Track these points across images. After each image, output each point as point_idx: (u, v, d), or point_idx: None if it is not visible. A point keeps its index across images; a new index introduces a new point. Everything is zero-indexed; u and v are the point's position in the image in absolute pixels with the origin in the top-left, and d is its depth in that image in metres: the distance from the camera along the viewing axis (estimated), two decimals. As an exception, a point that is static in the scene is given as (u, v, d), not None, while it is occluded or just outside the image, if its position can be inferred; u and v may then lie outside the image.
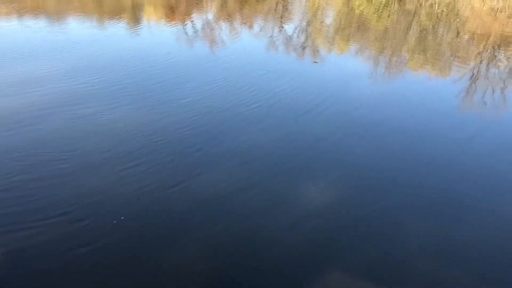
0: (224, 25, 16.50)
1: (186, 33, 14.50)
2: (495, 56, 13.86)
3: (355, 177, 6.19)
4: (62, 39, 12.55)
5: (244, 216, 5.22)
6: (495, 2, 23.39)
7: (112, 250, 4.58)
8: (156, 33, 14.43)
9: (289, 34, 15.25)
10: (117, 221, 4.98)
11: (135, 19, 16.61)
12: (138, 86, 8.99)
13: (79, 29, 14.26)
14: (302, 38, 14.84)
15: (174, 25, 15.65)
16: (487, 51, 14.34)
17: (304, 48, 13.58)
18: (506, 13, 21.04)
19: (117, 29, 14.37)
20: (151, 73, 9.80)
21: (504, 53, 14.27)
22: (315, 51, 13.41)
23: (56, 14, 16.54)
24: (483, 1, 23.72)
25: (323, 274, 4.43)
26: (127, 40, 12.99)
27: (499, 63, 13.08)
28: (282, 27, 16.38)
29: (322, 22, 18.36)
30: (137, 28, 14.82)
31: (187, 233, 4.90)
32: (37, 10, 16.99)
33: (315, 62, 11.58)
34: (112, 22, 15.44)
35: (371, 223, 5.23)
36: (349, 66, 11.90)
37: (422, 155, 6.91)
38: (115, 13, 17.58)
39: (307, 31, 16.18)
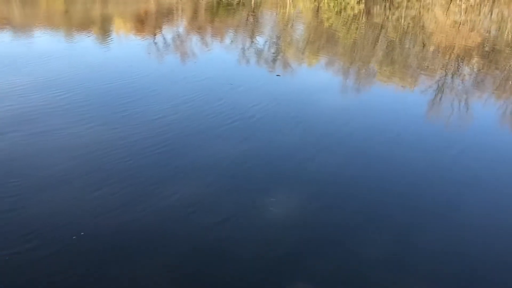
0: (193, 38, 16.48)
1: (155, 46, 14.40)
2: (459, 67, 14.28)
3: (319, 189, 6.21)
4: (27, 52, 12.26)
5: (206, 228, 5.18)
6: (458, 16, 24.19)
7: (72, 265, 4.49)
8: (124, 47, 14.28)
9: (258, 47, 15.33)
10: (76, 237, 4.86)
11: (104, 32, 16.42)
12: (102, 102, 8.83)
13: (45, 42, 13.99)
14: (271, 51, 14.95)
15: (143, 38, 15.53)
16: (451, 63, 14.76)
17: (273, 61, 13.67)
18: (468, 26, 21.77)
19: (85, 42, 14.17)
20: (116, 89, 9.65)
21: (467, 64, 14.71)
22: (284, 64, 13.51)
23: (22, 27, 16.20)
24: (446, 15, 24.50)
25: (284, 284, 4.41)
26: (94, 54, 12.80)
27: (463, 74, 13.47)
28: (252, 40, 16.47)
29: (292, 35, 18.57)
30: (105, 41, 14.64)
31: (149, 246, 4.82)
32: (1, 22, 16.59)
33: (277, 75, 11.61)
34: (80, 35, 15.22)
35: (332, 234, 5.25)
36: (317, 79, 12.02)
37: (387, 166, 7.00)
38: (83, 26, 17.35)
39: (276, 44, 16.31)
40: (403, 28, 20.99)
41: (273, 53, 14.61)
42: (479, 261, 4.95)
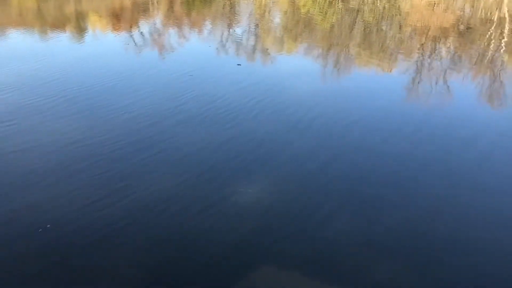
0: (168, 31, 16.35)
1: (129, 41, 14.25)
2: (435, 48, 14.47)
3: (291, 176, 6.25)
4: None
5: (176, 218, 5.22)
6: (433, -4, 24.42)
7: (40, 256, 4.54)
8: (98, 43, 14.10)
9: (235, 36, 15.30)
10: (42, 230, 4.91)
11: (79, 29, 16.18)
12: (74, 98, 8.74)
13: (18, 41, 13.73)
14: (249, 40, 14.93)
15: (118, 33, 15.35)
16: (427, 43, 14.95)
17: (251, 49, 13.66)
18: (442, 7, 22.03)
19: (59, 40, 13.94)
20: (85, 85, 9.53)
21: (443, 44, 14.92)
22: (263, 52, 13.52)
23: (-6, 27, 15.85)
24: (421, -4, 24.72)
25: (256, 271, 4.49)
26: (69, 52, 12.61)
27: (439, 54, 13.66)
28: (228, 30, 16.41)
29: (269, 22, 18.55)
30: (80, 38, 14.44)
31: (119, 238, 4.86)
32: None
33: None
34: (55, 33, 14.97)
35: (302, 219, 5.32)
36: (295, 65, 12.05)
37: (361, 149, 7.09)
38: (58, 23, 17.07)
39: (253, 33, 16.29)
40: (379, 10, 21.14)
41: (250, 42, 14.59)
42: (441, 239, 5.05)
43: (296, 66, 11.89)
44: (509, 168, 6.63)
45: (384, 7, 21.70)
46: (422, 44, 14.83)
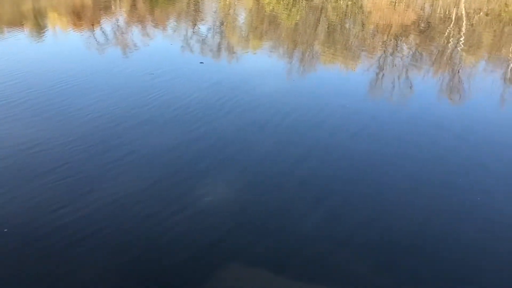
0: (131, 29, 16.05)
1: (90, 40, 13.90)
2: (397, 45, 14.80)
3: (260, 175, 6.24)
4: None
5: (143, 219, 5.15)
6: (394, -5, 24.96)
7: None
8: (59, 42, 13.69)
9: (198, 35, 15.17)
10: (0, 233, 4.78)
11: (38, 27, 15.65)
12: (36, 100, 8.46)
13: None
14: (213, 38, 14.84)
15: (80, 31, 14.95)
16: (389, 41, 15.26)
17: (216, 47, 13.58)
18: (403, 5, 22.55)
19: (17, 39, 13.44)
20: (46, 85, 9.25)
21: (405, 41, 15.27)
22: (228, 50, 13.46)
23: None
24: (383, -6, 25.21)
25: (228, 272, 4.47)
26: (27, 51, 12.19)
27: (401, 52, 13.98)
28: (193, 28, 16.26)
29: (233, 20, 18.50)
30: (39, 37, 13.98)
31: (86, 244, 4.73)
32: None
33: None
34: (11, 32, 14.42)
35: (268, 217, 5.34)
36: (259, 64, 12.07)
37: (326, 147, 7.18)
38: (15, 21, 16.45)
39: (217, 31, 16.20)
40: (342, 9, 21.44)
41: (214, 40, 14.50)
42: (411, 234, 5.17)
43: (261, 64, 11.90)
44: (473, 161, 6.85)
45: (347, 5, 22.02)
46: (385, 41, 15.13)
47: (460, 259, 4.77)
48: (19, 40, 13.22)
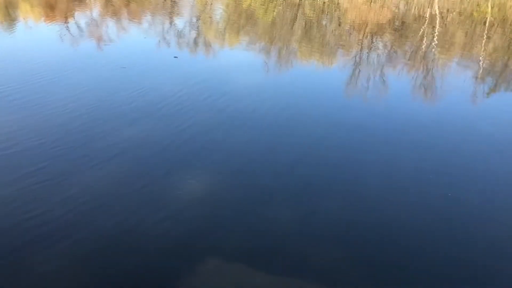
0: (105, 22, 15.78)
1: (63, 32, 13.61)
2: (372, 42, 14.97)
3: (232, 166, 6.28)
4: None
5: (120, 213, 5.13)
6: (370, -7, 25.23)
7: None
8: (32, 35, 13.36)
9: (176, 28, 15.04)
10: None
11: (9, 19, 15.23)
12: (5, 92, 8.26)
13: None
14: (189, 33, 14.73)
15: (54, 24, 14.61)
16: (365, 39, 15.43)
17: (192, 42, 13.48)
18: (379, 4, 22.81)
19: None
20: (20, 81, 9.02)
21: (380, 39, 15.46)
22: (204, 45, 13.38)
23: None
24: (359, -8, 25.47)
25: (199, 265, 4.48)
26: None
27: (376, 49, 14.15)
28: (169, 23, 16.10)
29: (210, 16, 18.39)
30: (10, 29, 13.61)
31: (54, 236, 4.69)
32: None
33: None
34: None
35: (245, 208, 5.39)
36: (236, 59, 12.04)
37: (302, 140, 7.23)
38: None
39: (194, 26, 16.09)
40: (319, 6, 21.55)
41: (190, 35, 14.39)
42: (383, 226, 5.29)
43: (238, 60, 11.87)
44: (445, 155, 6.99)
45: (323, 3, 22.15)
46: (360, 39, 15.29)
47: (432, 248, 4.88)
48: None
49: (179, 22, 16.19)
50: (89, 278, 4.23)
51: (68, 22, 14.83)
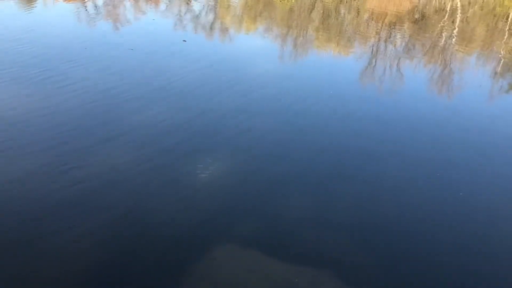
0: (123, 4, 15.73)
1: (82, 12, 13.61)
2: (391, 33, 14.73)
3: (249, 153, 6.26)
4: None
5: (136, 193, 5.13)
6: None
7: None
8: (49, 12, 13.39)
9: (193, 12, 14.95)
10: None
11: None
12: (25, 68, 8.29)
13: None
14: (206, 17, 14.63)
15: (69, 3, 14.61)
16: (384, 29, 15.19)
17: (210, 27, 13.40)
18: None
19: (4, 6, 13.10)
20: (36, 55, 9.05)
21: (398, 31, 15.21)
22: (222, 30, 13.30)
23: None
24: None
25: (215, 245, 4.50)
26: (16, 19, 11.90)
27: (394, 40, 13.92)
28: (186, 6, 16.00)
29: (228, 1, 18.23)
30: (28, 6, 13.64)
31: (76, 216, 4.70)
32: None
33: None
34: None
35: (260, 195, 5.37)
36: (254, 45, 11.95)
37: (318, 130, 7.17)
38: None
39: (211, 10, 15.97)
40: (338, -5, 21.24)
41: (207, 19, 14.30)
42: (392, 214, 5.27)
43: (254, 46, 11.77)
44: (456, 148, 6.89)
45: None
46: (379, 30, 15.05)
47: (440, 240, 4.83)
48: (7, 8, 12.90)
49: (196, 6, 16.08)
50: (100, 257, 4.24)
51: (86, 2, 14.81)
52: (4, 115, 6.51)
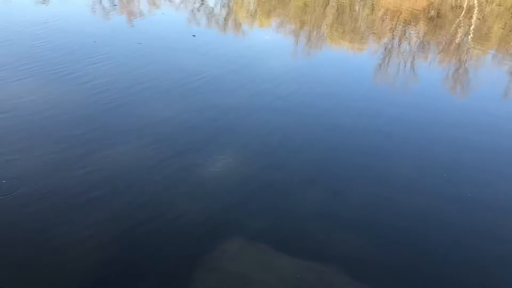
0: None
1: (97, 5, 13.69)
2: (406, 31, 14.59)
3: (260, 149, 6.29)
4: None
5: (149, 185, 5.23)
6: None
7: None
8: (66, 4, 13.49)
9: (206, 7, 14.96)
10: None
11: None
12: (42, 62, 8.40)
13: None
14: (220, 12, 14.63)
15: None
16: (398, 26, 15.05)
17: (223, 21, 13.41)
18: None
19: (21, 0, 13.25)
20: (52, 48, 9.17)
21: (413, 28, 15.05)
22: (235, 25, 13.30)
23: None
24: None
25: (226, 238, 4.56)
26: (31, 11, 12.02)
27: (409, 38, 13.79)
28: (203, 1, 16.02)
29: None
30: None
31: (93, 206, 4.81)
32: None
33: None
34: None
35: (272, 190, 5.41)
36: (267, 40, 11.92)
37: (332, 125, 7.17)
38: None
39: (225, 4, 15.97)
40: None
41: (221, 14, 14.30)
42: (403, 212, 5.27)
43: (268, 41, 11.76)
44: (472, 148, 6.84)
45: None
46: (393, 27, 14.92)
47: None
48: (24, 1, 13.04)
49: (211, 1, 16.09)
50: (113, 250, 4.32)
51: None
52: (24, 112, 6.63)
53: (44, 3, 13.17)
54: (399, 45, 12.83)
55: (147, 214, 4.78)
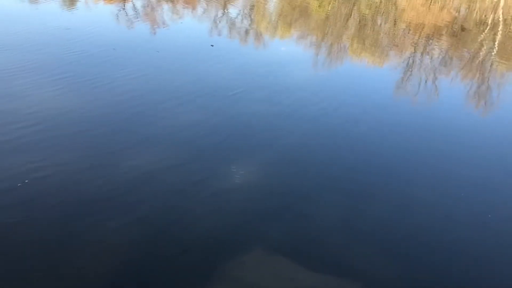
0: (163, 7, 16.02)
1: (121, 13, 13.94)
2: (428, 45, 14.45)
3: (279, 159, 6.27)
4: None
5: (170, 193, 5.25)
6: (430, -6, 24.36)
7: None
8: (90, 12, 13.77)
9: (228, 18, 15.09)
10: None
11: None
12: (65, 68, 8.57)
13: (6, 3, 13.35)
14: (243, 23, 14.73)
15: (109, 4, 14.99)
16: (421, 41, 14.92)
17: (245, 32, 13.49)
18: (439, 4, 21.99)
19: (48, 6, 13.56)
20: (77, 55, 9.35)
21: (436, 43, 14.91)
22: (257, 36, 13.36)
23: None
24: (419, -8, 24.63)
25: (244, 249, 4.53)
26: (58, 19, 12.29)
27: (431, 53, 13.65)
28: (223, 11, 16.16)
29: (264, 6, 18.31)
30: (70, 6, 14.07)
31: (111, 211, 4.83)
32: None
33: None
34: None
35: (291, 201, 5.36)
36: (289, 52, 11.95)
37: (350, 139, 7.11)
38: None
39: (247, 15, 16.08)
40: (376, 4, 21.02)
41: (243, 24, 14.40)
42: (422, 227, 5.18)
43: (288, 53, 11.78)
44: (493, 167, 6.69)
45: (380, 1, 21.57)
46: (415, 41, 14.80)
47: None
48: (51, 7, 13.34)
49: (232, 11, 16.23)
50: (129, 257, 4.33)
51: (125, 3, 15.16)
52: (55, 120, 6.76)
53: (69, 9, 13.46)
54: (421, 60, 12.70)
55: (166, 221, 4.79)
